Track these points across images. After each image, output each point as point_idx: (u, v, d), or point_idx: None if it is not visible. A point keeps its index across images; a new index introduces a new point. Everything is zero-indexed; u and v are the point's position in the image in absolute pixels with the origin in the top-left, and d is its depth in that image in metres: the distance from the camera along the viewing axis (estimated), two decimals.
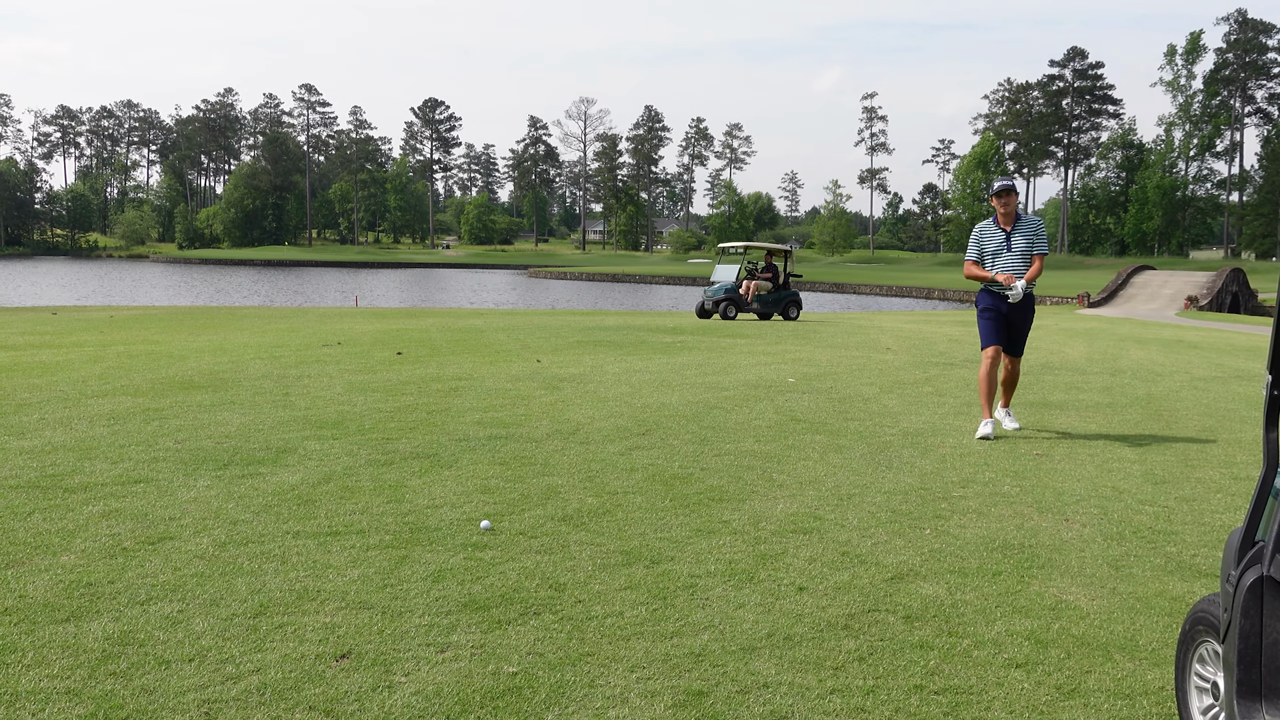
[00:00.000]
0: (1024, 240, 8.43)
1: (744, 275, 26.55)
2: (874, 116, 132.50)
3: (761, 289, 25.88)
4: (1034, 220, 8.57)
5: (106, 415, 8.18)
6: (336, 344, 15.45)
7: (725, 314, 25.36)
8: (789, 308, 26.13)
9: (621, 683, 3.29)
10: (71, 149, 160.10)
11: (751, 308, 25.61)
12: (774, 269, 26.99)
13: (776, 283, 26.52)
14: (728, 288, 25.83)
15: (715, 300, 25.63)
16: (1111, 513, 5.71)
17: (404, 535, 4.91)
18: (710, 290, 26.08)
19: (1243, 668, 2.41)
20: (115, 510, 5.27)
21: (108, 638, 3.56)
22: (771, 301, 25.93)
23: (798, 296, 26.56)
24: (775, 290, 26.25)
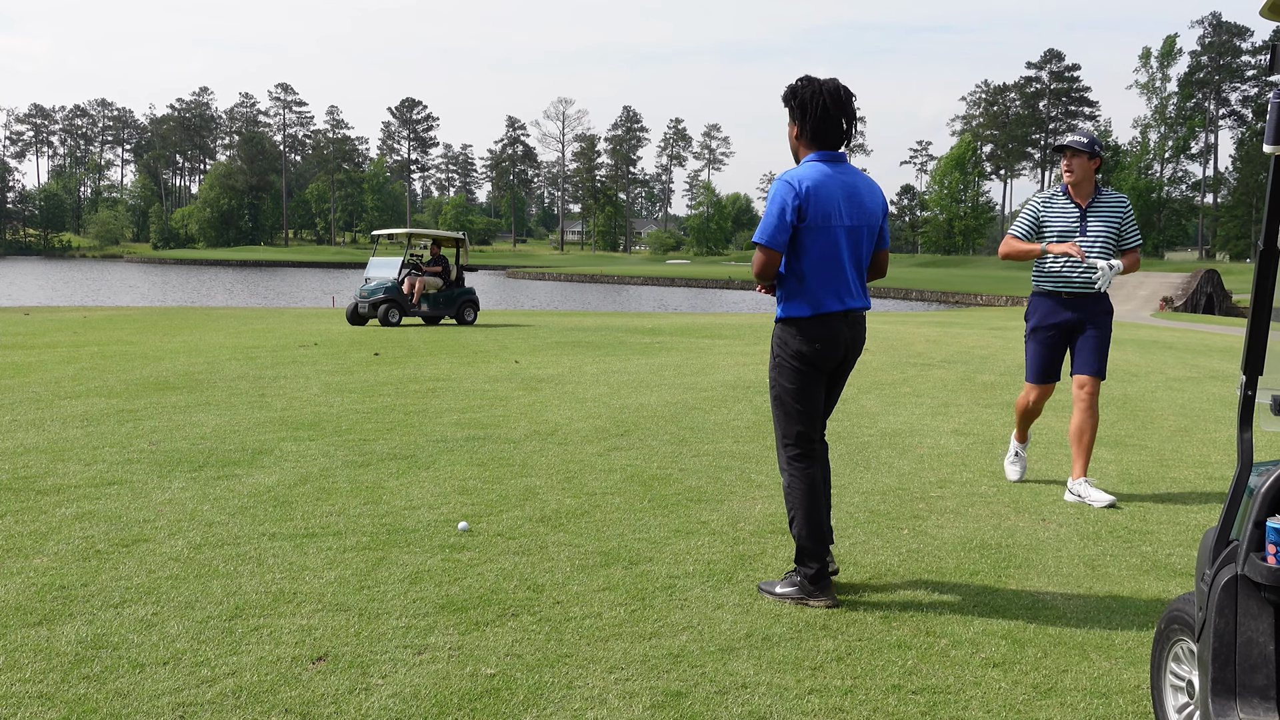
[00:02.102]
0: (1105, 225, 6.09)
1: (407, 270, 22.00)
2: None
3: (430, 286, 21.77)
4: (1119, 199, 6.20)
5: (80, 417, 8.11)
6: (313, 345, 15.37)
7: (386, 319, 20.90)
8: (464, 309, 22.19)
9: (600, 684, 3.29)
10: (44, 148, 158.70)
11: (418, 310, 21.56)
12: (443, 261, 22.60)
13: (448, 278, 22.36)
14: (387, 286, 21.30)
15: (373, 302, 21.05)
16: (1088, 513, 5.75)
17: (381, 537, 4.88)
18: (365, 289, 21.39)
19: (1217, 666, 2.42)
20: (88, 512, 5.22)
21: (81, 641, 3.53)
22: (443, 301, 21.96)
23: (474, 295, 22.59)
24: (447, 287, 22.22)
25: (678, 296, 59.51)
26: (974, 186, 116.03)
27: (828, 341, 4.16)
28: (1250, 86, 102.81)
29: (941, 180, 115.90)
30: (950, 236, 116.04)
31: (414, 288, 21.40)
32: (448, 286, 22.20)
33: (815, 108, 4.14)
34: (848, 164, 4.25)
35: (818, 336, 4.15)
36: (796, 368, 4.20)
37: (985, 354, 16.20)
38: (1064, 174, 6.17)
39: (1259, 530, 2.44)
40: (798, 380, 4.21)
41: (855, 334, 4.26)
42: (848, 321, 4.22)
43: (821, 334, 4.15)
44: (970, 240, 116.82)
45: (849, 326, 4.23)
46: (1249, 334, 2.51)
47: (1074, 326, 6.14)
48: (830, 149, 4.20)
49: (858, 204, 4.20)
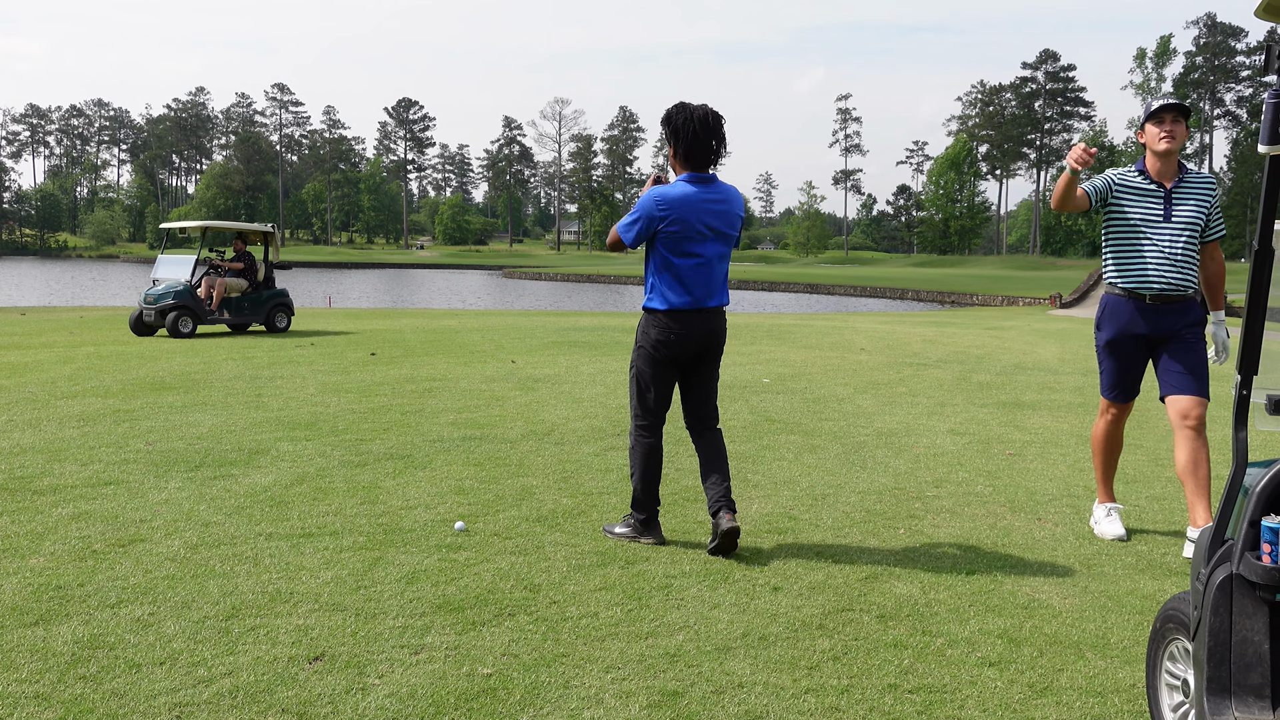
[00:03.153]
0: (1194, 210, 5.12)
1: (204, 270, 18.36)
2: (848, 118, 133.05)
3: (232, 289, 18.29)
4: (1206, 180, 5.21)
5: (76, 417, 8.11)
6: (309, 344, 15.37)
7: (176, 329, 17.05)
8: (275, 314, 18.74)
9: (596, 683, 3.29)
10: (41, 148, 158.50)
11: (220, 318, 17.97)
12: (248, 259, 19.01)
13: (255, 279, 18.87)
14: (178, 290, 17.46)
15: (160, 309, 17.25)
16: (1083, 512, 5.75)
17: (378, 537, 4.89)
18: (151, 293, 17.47)
19: (1212, 665, 2.43)
20: (85, 512, 5.22)
21: (77, 641, 3.53)
22: (249, 306, 18.47)
23: (287, 298, 19.13)
24: (254, 289, 18.78)
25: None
26: (970, 186, 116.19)
27: (682, 333, 4.74)
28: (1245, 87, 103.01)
29: (937, 180, 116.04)
30: (946, 236, 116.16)
31: (212, 291, 17.90)
32: (254, 289, 18.78)
33: (686, 133, 4.69)
34: (715, 181, 4.79)
35: (673, 328, 4.74)
36: (652, 354, 4.82)
37: (981, 353, 16.23)
38: (1160, 141, 5.08)
39: (1254, 529, 2.45)
40: (652, 365, 4.84)
41: (711, 328, 4.81)
42: (702, 317, 4.78)
43: (677, 326, 4.74)
44: (966, 240, 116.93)
45: (704, 321, 4.78)
46: (1244, 334, 2.52)
47: (1159, 338, 5.14)
48: (699, 169, 4.76)
49: (719, 215, 4.76)
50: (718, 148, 4.78)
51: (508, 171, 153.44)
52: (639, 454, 4.92)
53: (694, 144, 4.71)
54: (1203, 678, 2.45)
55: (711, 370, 4.97)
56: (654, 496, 4.92)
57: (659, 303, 4.77)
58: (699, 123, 4.68)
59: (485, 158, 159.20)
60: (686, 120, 4.69)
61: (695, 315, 4.76)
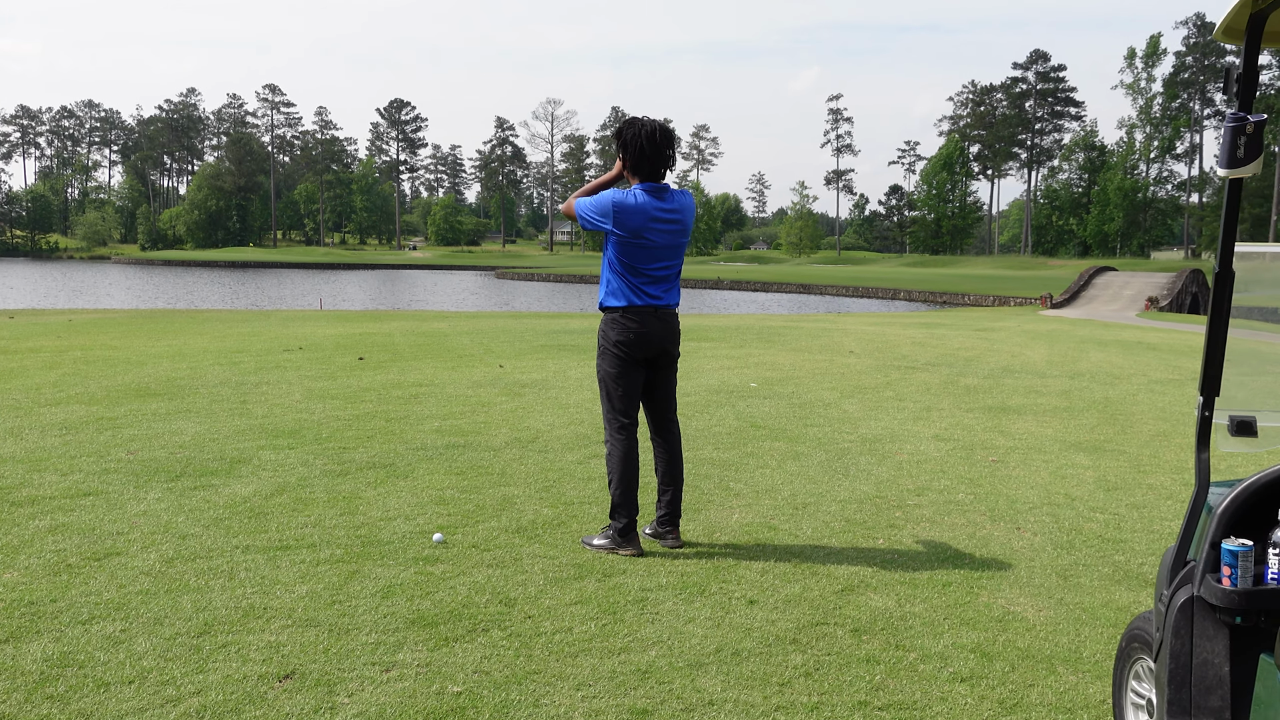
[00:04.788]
0: None
1: None
2: (840, 118, 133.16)
3: None
4: None
5: (59, 424, 8.08)
6: (298, 349, 15.33)
7: None
8: None
9: (566, 701, 3.29)
10: (31, 149, 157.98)
11: None
12: None
13: None
14: None
15: None
16: (1063, 521, 5.76)
17: (355, 549, 4.87)
18: None
19: (1173, 687, 2.43)
20: (63, 525, 5.20)
21: (47, 659, 3.51)
22: None
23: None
24: None
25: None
26: (961, 186, 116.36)
27: (641, 332, 4.93)
28: None
29: (930, 180, 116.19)
30: (938, 236, 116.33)
31: None
32: None
33: (635, 148, 4.91)
34: (668, 190, 4.98)
35: (631, 327, 4.92)
36: (615, 354, 4.99)
37: (969, 356, 16.24)
38: None
39: (1215, 551, 2.45)
40: (617, 366, 4.99)
41: (666, 327, 5.02)
42: (658, 316, 4.98)
43: (635, 325, 4.93)
44: (958, 240, 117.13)
45: (659, 320, 4.99)
46: (1205, 356, 2.53)
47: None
48: (651, 180, 4.95)
49: (672, 223, 4.96)
50: (669, 160, 4.99)
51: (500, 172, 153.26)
52: (615, 458, 5.02)
53: (642, 158, 4.94)
54: (1164, 700, 2.45)
55: (670, 374, 5.20)
56: (633, 503, 4.97)
57: (616, 300, 4.97)
58: (647, 139, 4.91)
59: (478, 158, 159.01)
60: (635, 136, 4.92)
61: (651, 314, 4.97)
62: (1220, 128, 20.96)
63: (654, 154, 4.91)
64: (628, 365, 5.00)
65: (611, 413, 5.07)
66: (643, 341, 4.96)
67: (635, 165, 4.95)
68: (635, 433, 5.09)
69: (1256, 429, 2.54)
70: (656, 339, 5.00)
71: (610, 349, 5.00)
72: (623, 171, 5.06)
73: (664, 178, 5.00)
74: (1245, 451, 2.55)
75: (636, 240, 4.88)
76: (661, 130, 4.94)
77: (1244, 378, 2.63)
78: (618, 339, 4.96)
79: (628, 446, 5.03)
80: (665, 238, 4.94)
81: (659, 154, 4.91)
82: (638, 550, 4.93)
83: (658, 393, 5.18)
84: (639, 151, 4.91)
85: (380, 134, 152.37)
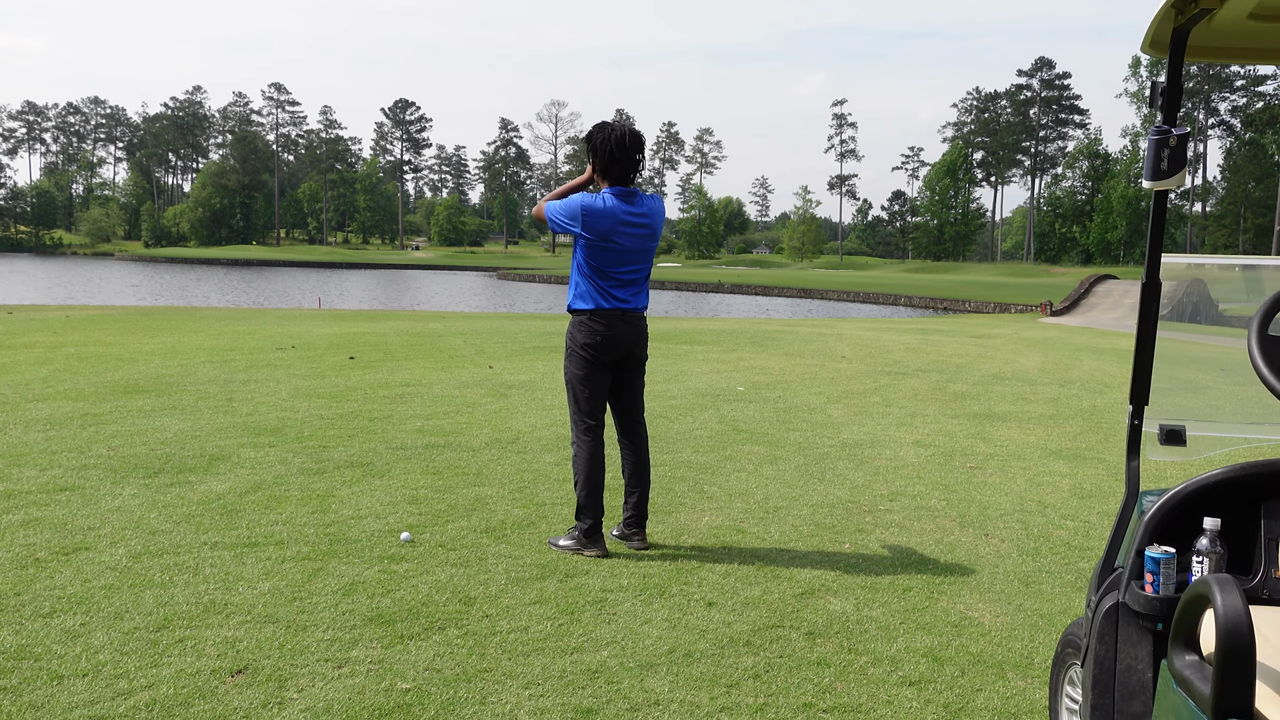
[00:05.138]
0: None
1: None
2: (844, 123, 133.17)
3: None
4: None
5: (44, 420, 8.12)
6: (290, 348, 15.37)
7: None
8: None
9: (513, 699, 3.32)
10: (37, 145, 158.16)
11: None
12: None
13: None
14: None
15: None
16: (1032, 527, 5.79)
17: (322, 547, 4.91)
18: None
19: (1096, 692, 2.46)
20: (35, 519, 5.24)
21: (4, 651, 3.55)
22: None
23: None
24: None
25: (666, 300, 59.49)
26: (965, 193, 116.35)
27: (608, 334, 4.97)
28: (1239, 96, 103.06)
29: (933, 186, 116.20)
30: (941, 242, 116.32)
31: None
32: None
33: (604, 152, 4.97)
34: (637, 194, 5.03)
35: (598, 330, 4.96)
36: (582, 356, 5.03)
37: (962, 362, 16.26)
38: None
39: (1140, 558, 2.48)
40: (584, 368, 5.04)
41: (633, 330, 5.05)
42: (625, 319, 5.02)
43: (602, 327, 4.96)
44: (961, 247, 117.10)
45: (626, 323, 5.02)
46: (1135, 365, 2.55)
47: None
48: (620, 184, 5.00)
49: (640, 227, 5.00)
50: (638, 164, 5.05)
51: (504, 173, 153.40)
52: (581, 460, 5.06)
53: (611, 162, 4.98)
54: (1088, 705, 2.48)
55: (638, 376, 5.24)
56: (598, 504, 5.01)
57: (584, 303, 5.01)
58: (616, 143, 4.97)
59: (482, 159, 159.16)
60: (605, 140, 4.98)
61: (618, 317, 5.01)
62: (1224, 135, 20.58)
63: (623, 158, 4.95)
64: (594, 367, 5.04)
65: (578, 414, 5.11)
66: (609, 344, 5.00)
67: (605, 169, 4.99)
68: (601, 434, 5.13)
69: (1185, 438, 2.57)
70: (624, 342, 5.04)
71: (577, 351, 5.05)
72: (593, 175, 5.09)
73: (633, 182, 5.03)
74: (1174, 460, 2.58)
75: (605, 244, 4.92)
76: (631, 135, 4.98)
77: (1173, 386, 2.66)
78: (585, 341, 5.00)
79: (593, 448, 5.08)
80: (634, 241, 4.98)
81: (628, 158, 4.96)
82: (602, 551, 4.96)
83: (624, 395, 5.21)
84: (608, 155, 4.95)
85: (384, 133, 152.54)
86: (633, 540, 5.13)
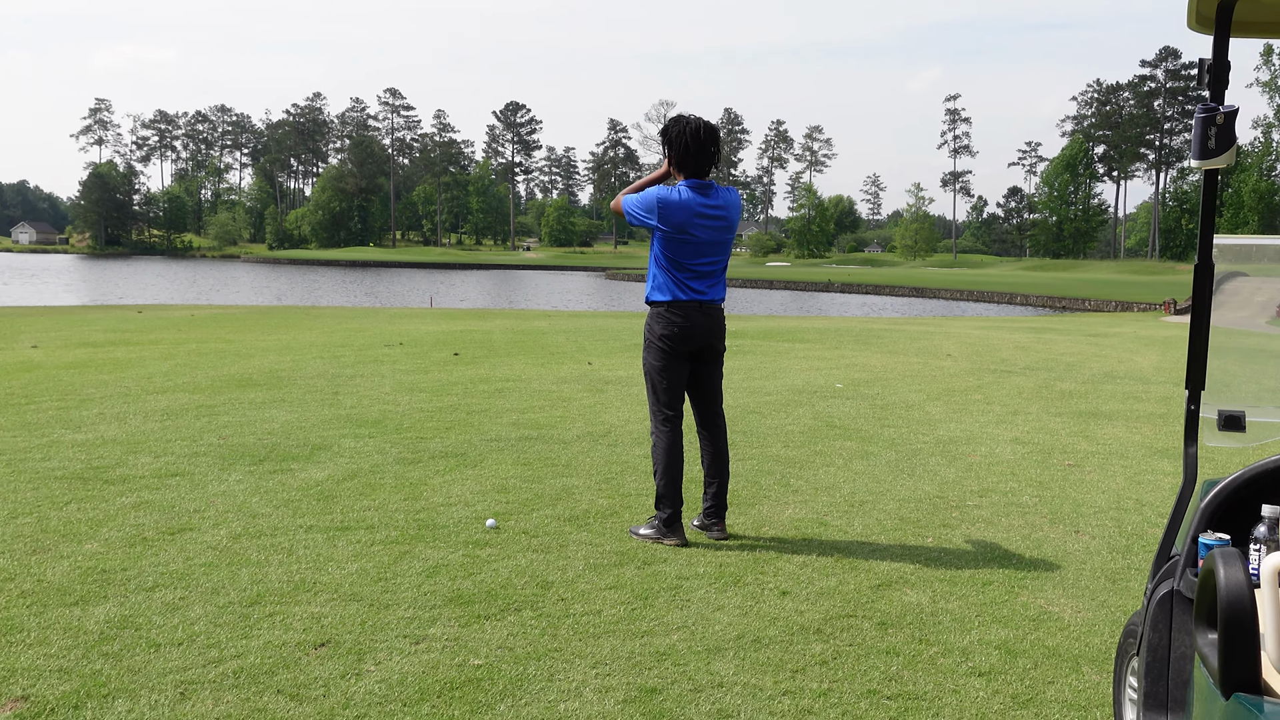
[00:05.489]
0: None
1: None
2: (957, 118, 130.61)
3: None
4: None
5: (161, 411, 8.53)
6: (398, 344, 15.79)
7: None
8: None
9: (580, 677, 3.40)
10: (168, 152, 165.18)
11: None
12: None
13: None
14: None
15: None
16: (1126, 525, 5.65)
17: (410, 531, 5.07)
18: None
19: (1150, 680, 2.42)
20: (146, 502, 5.53)
21: (108, 621, 3.78)
22: None
23: None
24: None
25: (775, 299, 59.21)
26: (1085, 188, 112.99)
27: (685, 326, 5.02)
28: None
29: (1051, 182, 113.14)
30: (1060, 239, 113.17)
31: None
32: None
33: (680, 145, 5.02)
34: (713, 187, 5.06)
35: (675, 321, 5.02)
36: (660, 348, 5.10)
37: (1072, 361, 15.84)
38: None
39: (1195, 545, 2.44)
40: (662, 359, 5.11)
41: (710, 322, 5.10)
42: (702, 310, 5.06)
43: (679, 319, 5.02)
44: (1081, 244, 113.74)
45: (704, 315, 5.07)
46: (1190, 349, 2.51)
47: None
48: (697, 177, 5.04)
49: (715, 219, 5.04)
50: (713, 157, 5.07)
51: (613, 174, 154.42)
52: (660, 450, 5.14)
53: (686, 155, 5.04)
54: (1141, 693, 2.45)
55: (716, 368, 5.26)
56: (677, 494, 5.07)
57: (662, 295, 5.07)
58: (691, 136, 5.01)
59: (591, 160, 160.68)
60: (680, 133, 5.03)
61: (695, 309, 5.05)
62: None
63: (698, 151, 5.00)
64: (672, 359, 5.11)
65: (656, 405, 5.18)
66: (687, 336, 5.05)
67: (680, 162, 5.04)
68: (679, 425, 5.18)
69: (1245, 423, 2.52)
70: (700, 333, 5.08)
71: (655, 342, 5.12)
72: (669, 169, 5.15)
73: (709, 174, 5.08)
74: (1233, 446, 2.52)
75: (681, 236, 4.97)
76: (706, 127, 5.03)
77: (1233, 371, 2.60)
78: (662, 333, 5.07)
79: (672, 439, 5.14)
80: (710, 233, 5.02)
81: (703, 151, 5.00)
82: (681, 540, 5.02)
83: (703, 386, 5.26)
84: (683, 148, 5.01)
85: (496, 136, 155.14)
86: (712, 530, 5.17)
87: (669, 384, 5.14)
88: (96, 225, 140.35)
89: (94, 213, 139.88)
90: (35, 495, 5.61)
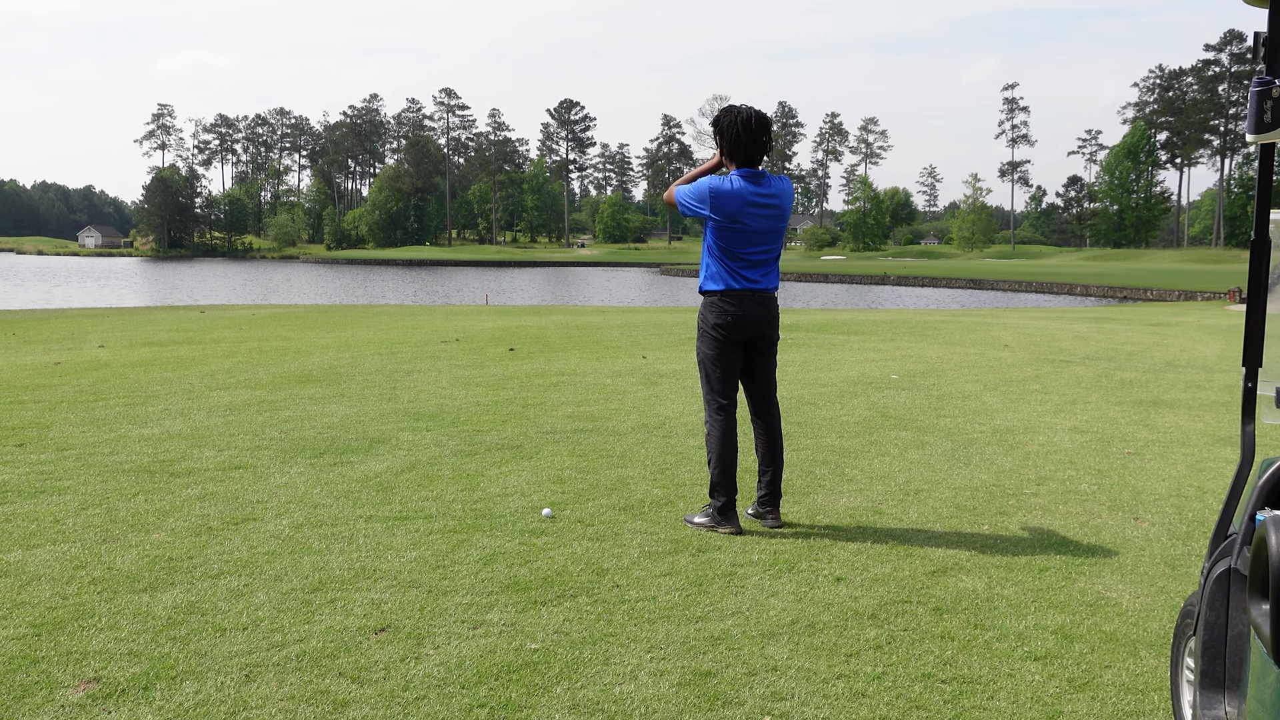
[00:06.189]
0: None
1: None
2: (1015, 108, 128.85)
3: None
4: None
5: (224, 406, 8.71)
6: (455, 340, 15.95)
7: None
8: None
9: (635, 661, 3.44)
10: (229, 155, 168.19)
11: None
12: None
13: None
14: None
15: None
16: (1186, 512, 5.57)
17: (468, 521, 5.15)
18: None
19: (1206, 659, 2.41)
20: (211, 493, 5.66)
21: (176, 606, 3.89)
22: None
23: None
24: None
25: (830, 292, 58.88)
26: (1147, 176, 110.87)
27: (739, 314, 5.05)
28: None
29: (1112, 170, 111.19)
30: (1121, 229, 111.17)
31: None
32: None
33: (731, 134, 5.03)
34: (765, 176, 5.07)
35: (729, 310, 5.05)
36: (714, 337, 5.13)
37: (1133, 350, 15.59)
38: None
39: (1253, 523, 2.41)
40: (715, 348, 5.15)
41: (764, 311, 5.12)
42: (755, 299, 5.08)
43: (732, 308, 5.05)
44: (1143, 232, 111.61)
45: (757, 304, 5.09)
46: (1247, 327, 2.48)
47: None
48: (749, 166, 5.06)
49: (768, 208, 5.04)
50: (765, 146, 5.09)
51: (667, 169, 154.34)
52: (714, 438, 5.16)
53: (738, 144, 5.05)
54: (1198, 671, 2.43)
55: (770, 357, 5.29)
56: (731, 482, 5.09)
57: (714, 284, 5.10)
58: (743, 125, 5.03)
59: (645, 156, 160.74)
60: (732, 123, 5.05)
61: (749, 297, 5.07)
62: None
63: (749, 140, 5.01)
64: (725, 347, 5.14)
65: (710, 394, 5.21)
66: (740, 324, 5.08)
67: (732, 151, 5.06)
68: (733, 414, 5.21)
69: None
70: (754, 322, 5.10)
71: (709, 331, 5.15)
72: (721, 159, 5.16)
73: (760, 163, 5.09)
74: None
75: (733, 225, 4.99)
76: (757, 117, 5.04)
77: None
78: (716, 322, 5.10)
79: (726, 427, 5.16)
80: (762, 222, 5.03)
81: (754, 140, 5.02)
82: (736, 528, 5.04)
83: (756, 375, 5.28)
84: (735, 138, 5.02)
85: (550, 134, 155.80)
86: (767, 518, 5.19)
87: (723, 373, 5.17)
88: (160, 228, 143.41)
89: (157, 216, 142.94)
90: (104, 488, 5.77)
